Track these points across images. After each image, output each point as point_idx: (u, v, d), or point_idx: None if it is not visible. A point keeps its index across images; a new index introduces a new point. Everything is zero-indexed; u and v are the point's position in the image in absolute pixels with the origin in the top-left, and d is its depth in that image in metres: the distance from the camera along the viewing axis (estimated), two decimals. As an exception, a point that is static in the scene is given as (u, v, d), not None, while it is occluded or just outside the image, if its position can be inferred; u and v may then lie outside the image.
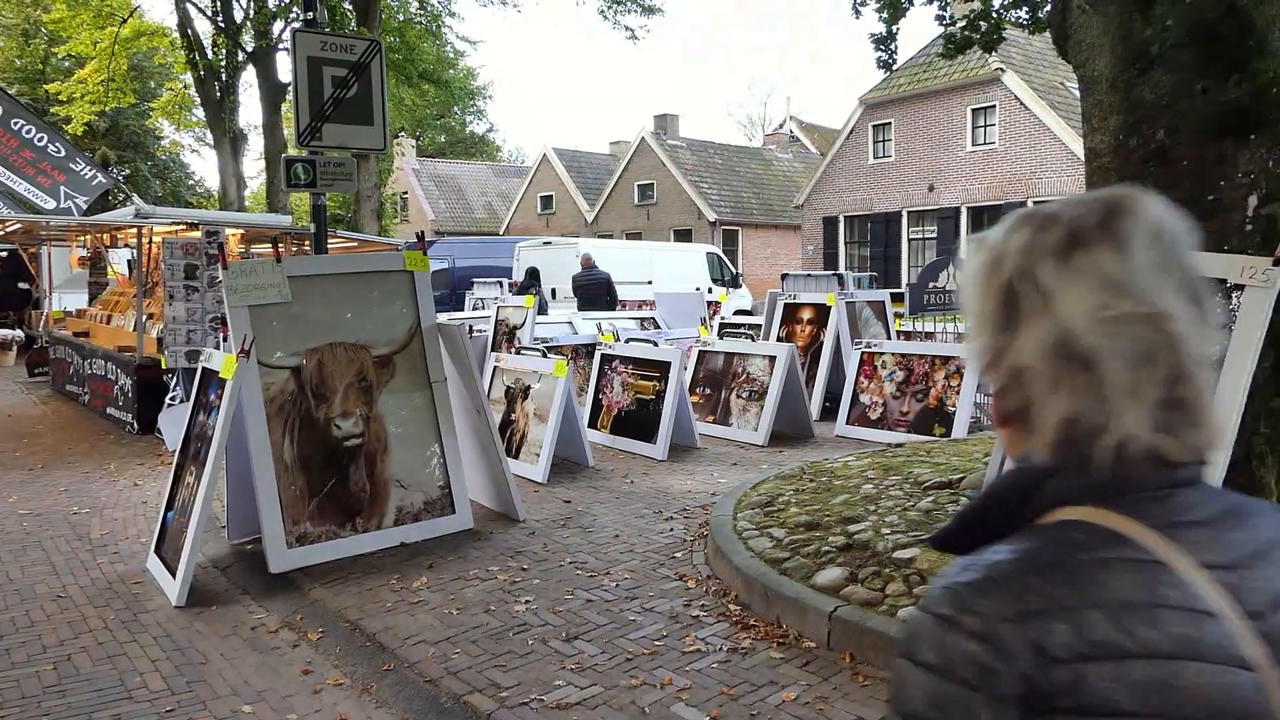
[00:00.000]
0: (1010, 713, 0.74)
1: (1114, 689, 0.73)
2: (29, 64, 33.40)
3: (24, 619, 4.46)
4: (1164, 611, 0.75)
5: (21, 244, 14.90)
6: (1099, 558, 0.78)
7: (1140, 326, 0.80)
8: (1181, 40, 3.91)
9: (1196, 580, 0.76)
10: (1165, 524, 0.79)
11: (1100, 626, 0.74)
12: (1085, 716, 0.73)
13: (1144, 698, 0.73)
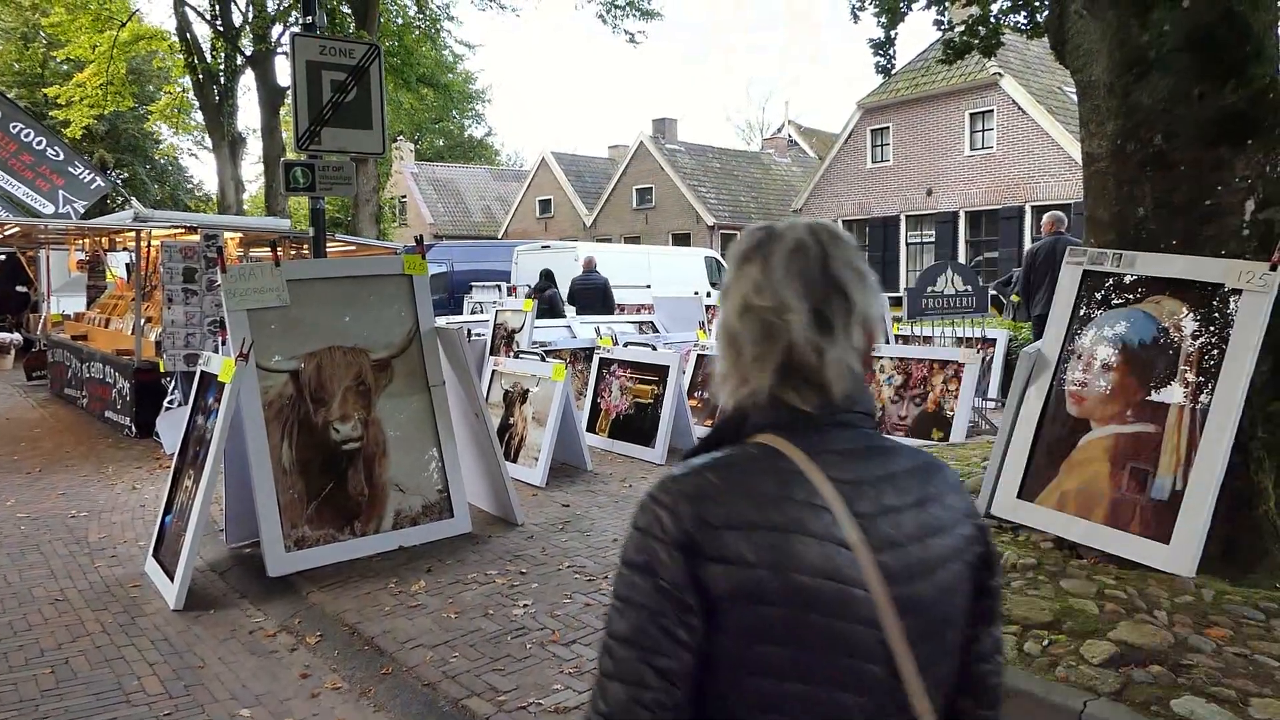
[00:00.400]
0: (678, 555, 1.07)
1: (743, 548, 1.07)
2: (28, 67, 33.39)
3: (22, 622, 4.46)
4: (788, 503, 1.09)
5: (20, 247, 14.90)
6: (757, 464, 1.13)
7: (767, 315, 1.14)
8: (1179, 45, 3.93)
9: (822, 486, 1.10)
10: (813, 449, 1.13)
11: (739, 506, 1.09)
12: (722, 563, 1.07)
13: (762, 555, 1.06)
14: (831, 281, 1.16)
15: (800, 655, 1.07)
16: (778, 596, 1.06)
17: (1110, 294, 4.20)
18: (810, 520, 1.08)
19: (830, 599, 1.06)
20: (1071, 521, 3.99)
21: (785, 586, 1.06)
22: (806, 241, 1.17)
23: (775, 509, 1.09)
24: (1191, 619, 3.33)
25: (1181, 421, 3.79)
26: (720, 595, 1.06)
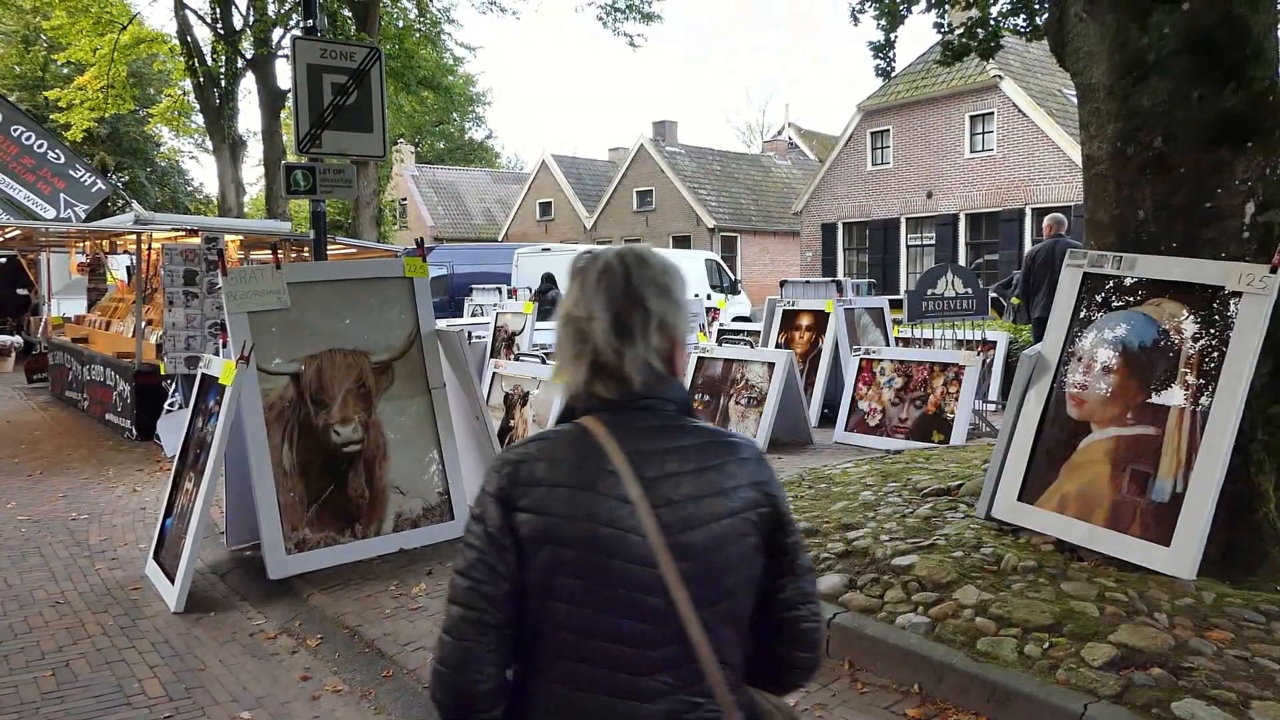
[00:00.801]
0: (499, 507, 1.38)
1: (547, 501, 1.36)
2: (29, 71, 33.43)
3: (22, 625, 4.46)
4: (586, 468, 1.37)
5: (21, 250, 14.91)
6: (568, 439, 1.41)
7: (580, 323, 1.41)
8: (1178, 48, 3.93)
9: (615, 456, 1.37)
10: (614, 427, 1.40)
11: (540, 468, 1.39)
12: (529, 512, 1.36)
13: (561, 507, 1.35)
14: (632, 295, 1.41)
15: (590, 586, 1.34)
16: (572, 540, 1.35)
17: (1110, 296, 4.21)
18: (602, 481, 1.36)
19: (614, 543, 1.34)
20: (1072, 524, 3.99)
21: (578, 532, 1.35)
22: (614, 263, 1.44)
23: (575, 472, 1.38)
24: (1192, 621, 3.33)
25: (1182, 424, 3.79)
26: (528, 538, 1.36)
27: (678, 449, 1.41)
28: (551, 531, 1.35)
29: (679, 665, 1.35)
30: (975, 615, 3.55)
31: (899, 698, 3.36)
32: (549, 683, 1.38)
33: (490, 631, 1.36)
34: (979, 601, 3.63)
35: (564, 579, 1.35)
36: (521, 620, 1.38)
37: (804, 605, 1.49)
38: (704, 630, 1.34)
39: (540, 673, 1.39)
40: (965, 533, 4.34)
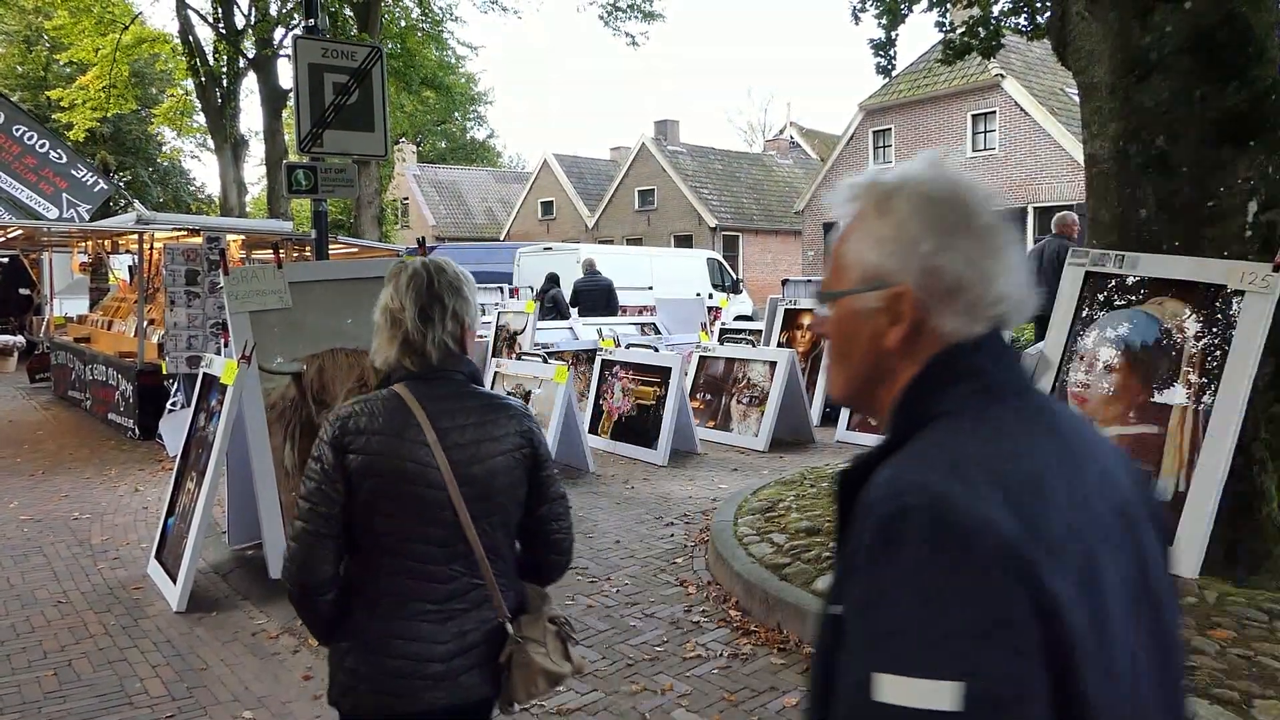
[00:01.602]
0: (332, 450, 1.84)
1: (366, 445, 1.83)
2: (31, 70, 33.46)
3: (24, 624, 4.46)
4: (396, 421, 1.85)
5: (23, 250, 14.92)
6: (384, 400, 1.89)
7: (395, 313, 1.90)
8: (1180, 47, 3.93)
9: (417, 412, 1.86)
10: (417, 392, 1.89)
11: (364, 421, 1.86)
12: (354, 453, 1.83)
13: (377, 449, 1.83)
14: (433, 294, 1.92)
15: (399, 504, 1.85)
16: (388, 473, 1.84)
17: (1113, 295, 4.20)
18: (408, 431, 1.86)
19: (416, 474, 1.85)
20: (1074, 523, 3.99)
21: (392, 467, 1.85)
22: (419, 270, 1.95)
23: (389, 424, 1.86)
24: (1195, 621, 3.33)
25: (1184, 423, 3.79)
26: (353, 471, 1.84)
27: (464, 408, 1.92)
28: (372, 467, 1.85)
29: (464, 558, 1.89)
30: (977, 614, 3.55)
31: (901, 697, 3.36)
32: (376, 572, 1.90)
33: (325, 540, 1.84)
34: (981, 601, 3.63)
35: (383, 501, 1.86)
36: (354, 530, 1.88)
37: (556, 521, 2.06)
38: (480, 535, 1.89)
39: (369, 566, 1.90)
40: (967, 532, 4.33)
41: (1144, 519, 0.98)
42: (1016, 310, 1.00)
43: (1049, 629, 0.78)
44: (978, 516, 0.80)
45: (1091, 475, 0.94)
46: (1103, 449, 1.02)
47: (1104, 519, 0.91)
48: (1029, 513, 0.83)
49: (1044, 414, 0.98)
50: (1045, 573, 0.79)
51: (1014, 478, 0.86)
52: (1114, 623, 0.86)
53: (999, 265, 1.00)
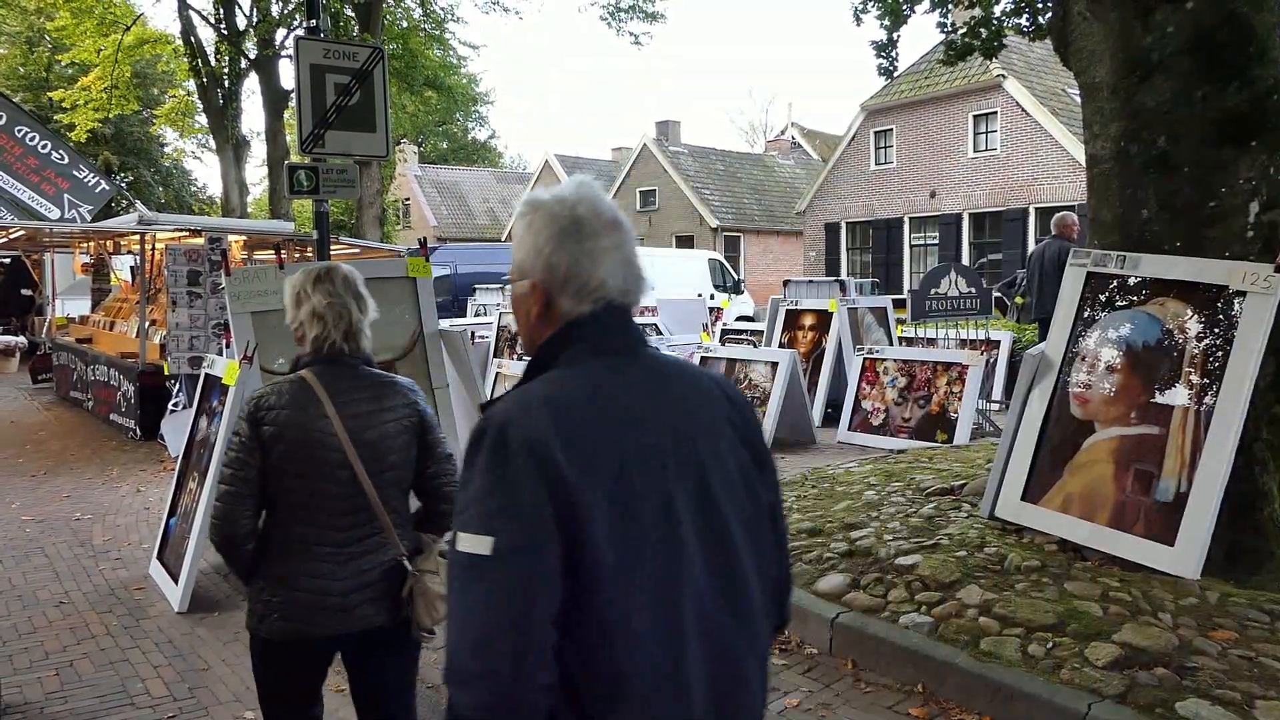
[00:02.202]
0: (249, 424, 2.26)
1: (277, 419, 2.25)
2: (33, 71, 33.49)
3: (26, 625, 4.47)
4: (303, 398, 2.27)
5: (25, 250, 14.93)
6: (292, 383, 2.30)
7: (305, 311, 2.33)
8: (1182, 47, 3.92)
9: (319, 391, 2.28)
10: (320, 375, 2.30)
11: (274, 399, 2.28)
12: (267, 424, 2.25)
13: (286, 421, 2.25)
14: (336, 296, 2.35)
15: (305, 466, 2.27)
16: (293, 440, 2.26)
17: (1114, 296, 4.20)
18: (312, 407, 2.28)
19: (319, 441, 2.27)
20: (1076, 524, 3.99)
21: (297, 436, 2.26)
22: (323, 275, 2.38)
23: (296, 401, 2.28)
24: (1196, 621, 3.33)
25: (1186, 423, 3.78)
26: (267, 440, 2.26)
27: (358, 386, 2.35)
28: (282, 436, 2.26)
29: (363, 510, 2.28)
30: (979, 615, 3.55)
31: (902, 697, 3.36)
32: (288, 523, 2.30)
33: (245, 499, 2.26)
34: (982, 601, 3.63)
35: (291, 463, 2.27)
36: (267, 490, 2.28)
37: (445, 477, 2.45)
38: (377, 490, 2.29)
39: (282, 518, 2.31)
40: (969, 532, 4.33)
41: (717, 441, 1.39)
42: (619, 295, 1.38)
43: (562, 504, 1.21)
44: (521, 434, 1.24)
45: (662, 408, 1.35)
46: (692, 391, 1.42)
47: (657, 438, 1.32)
48: (566, 429, 1.24)
49: (638, 366, 1.39)
50: (565, 468, 1.21)
51: (564, 405, 1.28)
52: (641, 504, 1.26)
53: (598, 263, 1.37)
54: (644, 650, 1.25)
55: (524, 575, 1.20)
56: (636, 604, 1.24)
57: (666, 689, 1.26)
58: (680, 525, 1.30)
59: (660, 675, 1.26)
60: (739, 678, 1.35)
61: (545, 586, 1.20)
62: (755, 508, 1.43)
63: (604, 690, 1.24)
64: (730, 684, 1.34)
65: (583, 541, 1.21)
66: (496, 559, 1.20)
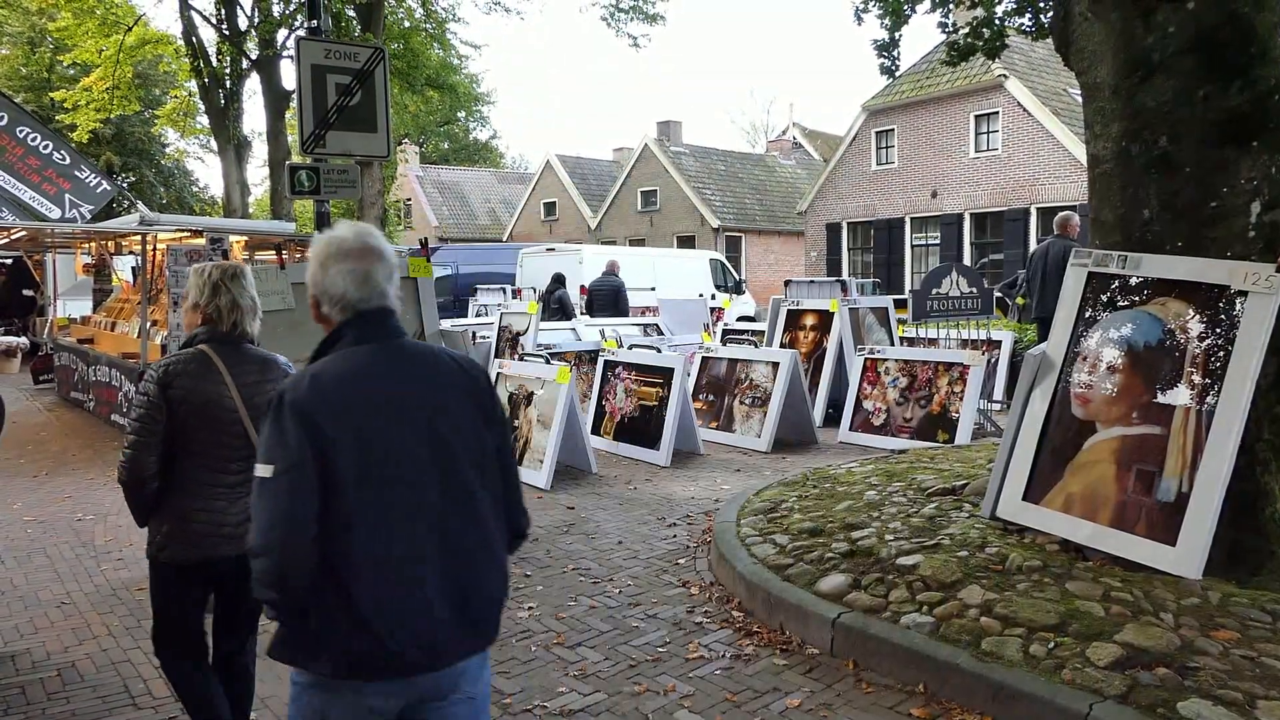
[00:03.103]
0: (157, 388, 2.78)
1: (182, 384, 2.79)
2: (34, 72, 33.51)
3: (28, 625, 4.47)
4: (203, 368, 2.82)
5: (26, 251, 14.94)
6: (189, 355, 2.85)
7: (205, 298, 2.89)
8: (1183, 47, 3.92)
9: (218, 363, 2.84)
10: (218, 351, 2.86)
11: (179, 367, 2.80)
12: (174, 389, 2.77)
13: (188, 387, 2.79)
14: (227, 288, 2.88)
15: (206, 423, 2.79)
16: (197, 403, 2.77)
17: (1116, 296, 4.20)
18: (211, 375, 2.80)
19: (218, 403, 2.79)
20: (1077, 524, 3.99)
21: (197, 401, 2.78)
22: (213, 271, 2.90)
23: (195, 369, 2.79)
24: (1198, 621, 3.32)
25: (1187, 423, 3.78)
26: (172, 403, 2.74)
27: (247, 358, 2.91)
28: (187, 399, 2.79)
29: (251, 459, 2.22)
30: (980, 615, 3.55)
31: (904, 697, 3.36)
32: (187, 468, 2.82)
33: (150, 448, 2.77)
34: (984, 601, 3.63)
35: (193, 419, 2.79)
36: (171, 441, 2.79)
37: None
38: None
39: (184, 467, 2.82)
40: (970, 532, 4.33)
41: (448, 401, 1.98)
42: (360, 303, 1.99)
43: (318, 443, 1.81)
44: (290, 399, 1.84)
45: (404, 378, 1.95)
46: (431, 367, 2.01)
47: (396, 398, 1.92)
48: (324, 394, 1.85)
49: (388, 350, 1.98)
50: (322, 421, 1.82)
51: (325, 377, 1.89)
52: (379, 441, 1.87)
53: (345, 282, 1.98)
54: (376, 538, 1.85)
55: (291, 488, 1.82)
56: (371, 508, 1.85)
57: (395, 564, 1.86)
58: (412, 457, 1.90)
59: (391, 555, 1.85)
60: (470, 564, 1.94)
61: (306, 495, 1.81)
62: (482, 449, 2.01)
63: (351, 563, 1.84)
64: (462, 568, 1.93)
65: (333, 467, 1.82)
66: (274, 478, 1.83)
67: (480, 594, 1.96)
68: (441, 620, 1.89)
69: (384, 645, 1.83)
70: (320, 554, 1.82)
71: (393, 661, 1.86)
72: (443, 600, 1.89)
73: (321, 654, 1.86)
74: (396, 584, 1.86)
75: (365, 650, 1.84)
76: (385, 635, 1.83)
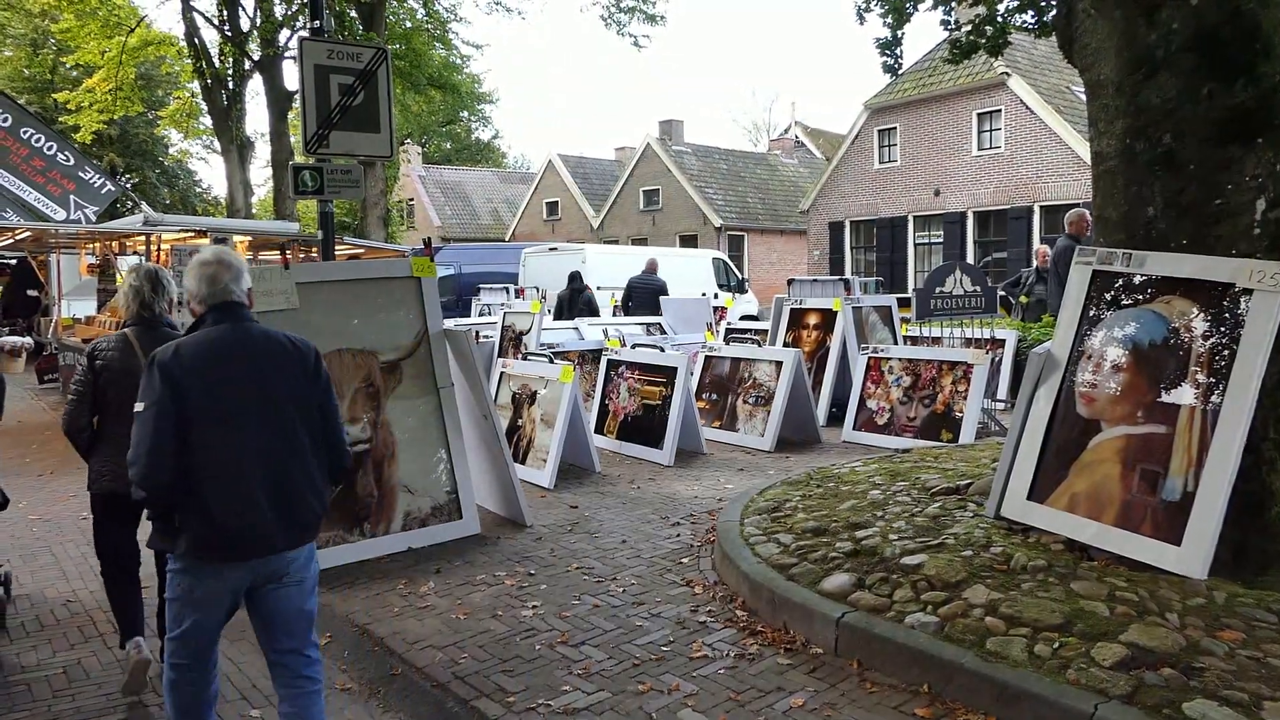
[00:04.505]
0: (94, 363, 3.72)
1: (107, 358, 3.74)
2: (37, 73, 33.58)
3: (34, 623, 4.48)
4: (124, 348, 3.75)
5: (31, 251, 14.97)
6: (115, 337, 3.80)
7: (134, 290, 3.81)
8: (1187, 44, 3.91)
9: (137, 348, 3.70)
10: (138, 335, 3.77)
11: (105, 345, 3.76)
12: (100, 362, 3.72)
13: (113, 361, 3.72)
14: (154, 283, 3.81)
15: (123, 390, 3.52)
16: (116, 371, 3.67)
17: (1120, 294, 4.19)
18: (130, 352, 3.70)
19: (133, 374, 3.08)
20: (1082, 523, 3.98)
21: (119, 371, 3.66)
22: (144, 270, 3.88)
23: (121, 349, 3.72)
24: (1203, 621, 3.32)
25: (1193, 422, 3.77)
26: (99, 371, 3.70)
27: (158, 339, 3.50)
28: (108, 371, 3.65)
29: None
30: (985, 615, 3.54)
31: (908, 697, 3.36)
32: (109, 425, 3.67)
33: (83, 407, 3.68)
34: (988, 601, 3.62)
35: (113, 388, 3.64)
36: (97, 402, 3.68)
37: None
38: None
39: (106, 422, 3.69)
40: (974, 532, 4.33)
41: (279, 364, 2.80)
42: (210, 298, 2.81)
43: (176, 390, 2.62)
44: (159, 359, 2.66)
45: (244, 347, 2.78)
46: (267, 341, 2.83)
47: (236, 360, 2.74)
48: (182, 355, 2.67)
49: (236, 330, 2.79)
50: (178, 374, 2.63)
51: (185, 345, 2.71)
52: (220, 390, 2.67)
53: (200, 284, 2.80)
54: (212, 463, 2.63)
55: (155, 418, 2.60)
56: (210, 440, 2.63)
57: (232, 477, 2.64)
58: (244, 402, 2.70)
59: (228, 470, 2.63)
60: (290, 480, 2.73)
61: (168, 427, 2.59)
62: (305, 401, 2.82)
63: (200, 476, 2.62)
64: (285, 482, 2.72)
65: (186, 408, 2.62)
66: (144, 411, 2.62)
67: (300, 503, 2.74)
68: (268, 520, 2.66)
69: (225, 535, 2.62)
70: (180, 470, 2.59)
71: (233, 548, 2.65)
72: (269, 505, 2.67)
73: (181, 542, 2.65)
74: (233, 492, 2.63)
75: (212, 538, 2.63)
76: (225, 527, 2.61)
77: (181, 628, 2.73)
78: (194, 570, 2.67)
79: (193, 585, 2.68)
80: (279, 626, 2.81)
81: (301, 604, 2.83)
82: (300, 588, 2.81)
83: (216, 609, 2.73)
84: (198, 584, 2.68)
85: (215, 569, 2.66)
